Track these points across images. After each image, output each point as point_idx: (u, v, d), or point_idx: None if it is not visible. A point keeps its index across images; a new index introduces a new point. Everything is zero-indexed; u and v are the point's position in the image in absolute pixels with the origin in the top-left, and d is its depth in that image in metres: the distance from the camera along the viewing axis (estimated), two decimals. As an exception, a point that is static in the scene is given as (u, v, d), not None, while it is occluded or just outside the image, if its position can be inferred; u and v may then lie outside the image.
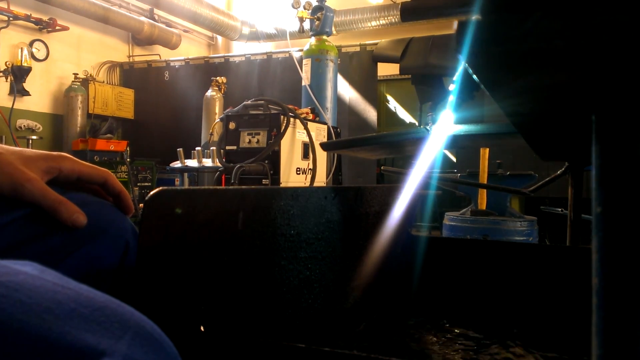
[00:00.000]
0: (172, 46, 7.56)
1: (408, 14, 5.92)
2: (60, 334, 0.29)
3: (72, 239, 0.57)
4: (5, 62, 5.60)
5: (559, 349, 1.08)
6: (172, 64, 7.12)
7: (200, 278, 0.65)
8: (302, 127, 3.73)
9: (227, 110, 3.81)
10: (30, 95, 5.87)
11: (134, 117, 7.19)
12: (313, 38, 4.86)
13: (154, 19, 7.37)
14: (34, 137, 5.79)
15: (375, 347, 1.10)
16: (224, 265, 0.70)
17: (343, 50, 5.99)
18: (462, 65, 1.12)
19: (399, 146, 1.59)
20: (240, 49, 8.09)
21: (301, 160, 3.79)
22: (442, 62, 4.93)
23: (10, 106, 5.48)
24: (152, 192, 0.56)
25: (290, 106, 3.72)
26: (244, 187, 0.85)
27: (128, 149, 6.13)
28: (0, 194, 0.54)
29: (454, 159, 5.80)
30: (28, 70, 5.71)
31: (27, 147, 1.86)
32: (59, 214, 0.55)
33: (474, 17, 0.29)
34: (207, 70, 6.72)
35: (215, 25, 7.59)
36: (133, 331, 0.31)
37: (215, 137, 4.06)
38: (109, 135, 6.24)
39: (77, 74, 6.32)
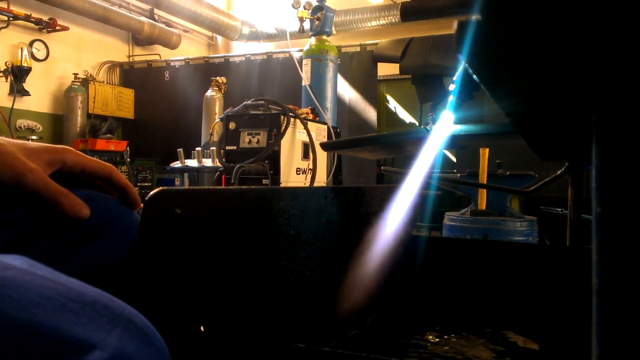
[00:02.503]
0: (172, 46, 7.55)
1: (408, 14, 5.92)
2: (51, 328, 0.29)
3: (79, 235, 0.57)
4: (5, 62, 5.60)
5: (558, 349, 1.08)
6: (172, 64, 7.12)
7: (200, 278, 0.65)
8: (302, 127, 3.73)
9: (227, 110, 3.81)
10: (30, 95, 5.86)
11: (134, 117, 7.18)
12: (313, 38, 4.86)
13: (154, 19, 7.37)
14: (34, 137, 5.79)
15: (376, 347, 1.10)
16: (224, 265, 0.70)
17: (343, 50, 5.98)
18: (462, 65, 1.12)
19: (399, 146, 1.59)
20: (240, 49, 8.08)
21: (301, 160, 3.79)
22: (442, 62, 4.93)
23: (10, 106, 5.48)
24: (152, 192, 0.56)
25: (290, 106, 3.72)
26: (244, 187, 0.85)
27: (128, 149, 6.12)
28: (2, 185, 0.54)
29: (454, 159, 5.80)
30: (28, 70, 5.70)
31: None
32: (60, 205, 0.55)
33: (474, 17, 0.29)
34: (207, 70, 6.72)
35: (215, 25, 7.59)
36: (123, 325, 0.32)
37: (215, 137, 4.06)
38: (109, 135, 6.23)
39: (77, 74, 6.32)
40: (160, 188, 0.58)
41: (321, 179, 3.98)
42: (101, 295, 0.33)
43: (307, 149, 3.81)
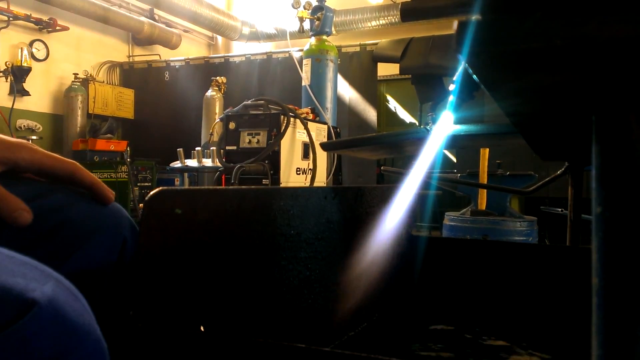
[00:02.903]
0: (172, 46, 7.55)
1: (408, 14, 5.89)
2: None
3: (69, 242, 0.55)
4: (5, 62, 5.60)
5: (558, 349, 1.08)
6: (172, 64, 7.11)
7: (200, 278, 0.65)
8: (302, 127, 3.73)
9: (227, 110, 3.81)
10: (30, 95, 5.86)
11: (134, 117, 7.17)
12: (313, 38, 4.86)
13: (154, 19, 7.36)
14: (34, 137, 5.78)
15: (376, 347, 1.10)
16: (224, 265, 0.70)
17: (343, 50, 5.98)
18: (462, 65, 1.12)
19: (399, 146, 1.59)
20: (240, 49, 8.08)
21: (301, 160, 3.78)
22: (442, 62, 4.92)
23: (10, 106, 5.48)
24: (152, 192, 0.56)
25: (290, 106, 3.72)
26: (244, 187, 0.85)
27: (128, 149, 6.12)
28: None
29: (454, 159, 5.80)
30: (28, 70, 5.70)
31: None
32: None
33: (474, 17, 0.29)
34: (207, 70, 6.71)
35: (215, 25, 7.59)
36: (54, 282, 0.36)
37: (215, 137, 4.06)
38: (109, 135, 6.23)
39: (77, 74, 6.31)
40: (160, 188, 0.58)
41: (321, 179, 3.98)
42: (30, 259, 0.38)
43: (307, 149, 3.81)
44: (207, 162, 4.16)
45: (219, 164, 3.76)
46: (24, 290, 0.33)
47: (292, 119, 3.63)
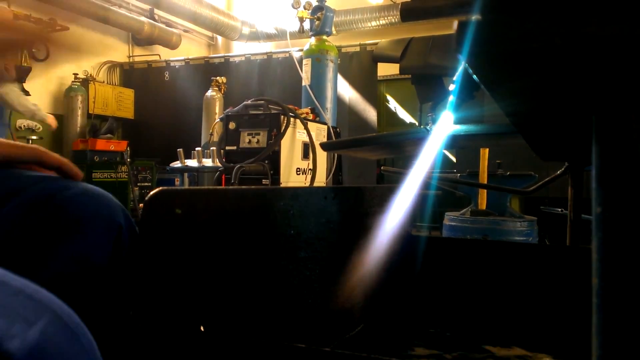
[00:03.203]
0: (172, 46, 7.55)
1: (408, 14, 5.91)
2: None
3: (63, 230, 0.55)
4: (5, 62, 5.60)
5: (558, 349, 1.08)
6: (172, 64, 7.12)
7: (200, 278, 0.65)
8: (302, 127, 3.73)
9: (227, 110, 3.81)
10: (30, 95, 5.85)
11: (134, 117, 7.18)
12: (313, 38, 4.86)
13: (154, 19, 7.36)
14: (34, 137, 5.79)
15: (376, 347, 1.10)
16: (224, 265, 0.70)
17: (343, 50, 5.98)
18: (462, 65, 1.12)
19: (399, 146, 1.59)
20: (240, 49, 8.08)
21: (301, 160, 3.78)
22: (442, 62, 4.92)
23: (10, 106, 5.48)
24: (152, 192, 0.56)
25: (290, 106, 3.72)
26: (244, 187, 0.85)
27: (128, 149, 6.12)
28: None
29: (454, 159, 5.80)
30: (28, 70, 5.70)
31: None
32: None
33: (474, 17, 0.29)
34: (207, 70, 6.72)
35: (215, 25, 7.59)
36: (47, 319, 0.31)
37: (215, 137, 4.06)
38: (109, 135, 6.23)
39: (77, 74, 6.32)
40: (160, 188, 0.58)
41: (321, 179, 3.98)
42: (27, 286, 0.33)
43: (307, 149, 3.81)
44: (207, 162, 4.16)
45: (219, 164, 3.76)
46: (2, 338, 0.28)
47: (292, 119, 3.63)
